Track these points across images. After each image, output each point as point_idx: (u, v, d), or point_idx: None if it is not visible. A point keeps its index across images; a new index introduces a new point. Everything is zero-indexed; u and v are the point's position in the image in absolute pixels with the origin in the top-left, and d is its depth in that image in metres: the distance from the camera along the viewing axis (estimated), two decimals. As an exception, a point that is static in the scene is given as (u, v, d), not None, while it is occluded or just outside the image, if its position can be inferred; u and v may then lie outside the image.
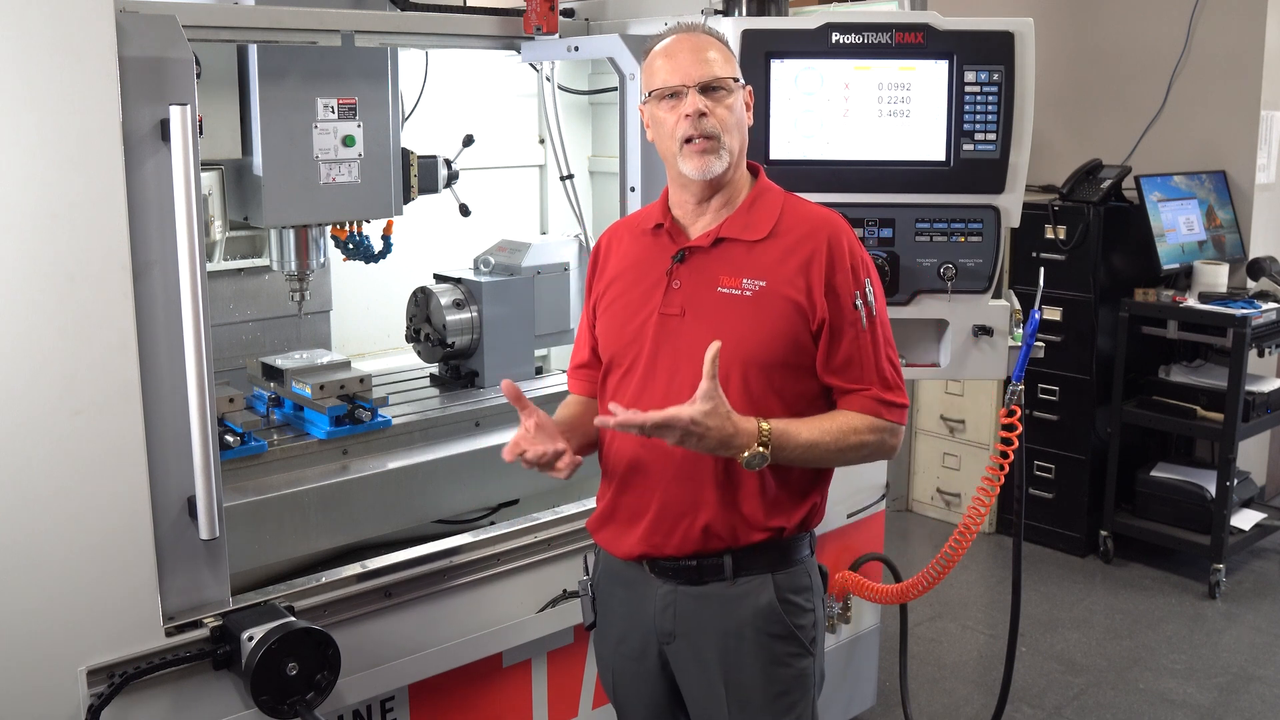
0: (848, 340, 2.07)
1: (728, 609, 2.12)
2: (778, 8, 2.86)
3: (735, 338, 2.03)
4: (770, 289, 2.05)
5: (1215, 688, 3.98)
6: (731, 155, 2.07)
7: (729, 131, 2.06)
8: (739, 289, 2.07)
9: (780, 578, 2.12)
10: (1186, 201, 4.92)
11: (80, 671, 2.03)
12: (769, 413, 2.04)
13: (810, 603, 2.17)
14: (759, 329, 2.05)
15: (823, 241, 2.06)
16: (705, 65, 2.06)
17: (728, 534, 2.09)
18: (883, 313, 2.13)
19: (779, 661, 2.12)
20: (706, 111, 2.04)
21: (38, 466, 1.96)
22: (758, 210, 2.11)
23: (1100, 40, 5.28)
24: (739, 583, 2.11)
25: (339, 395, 2.88)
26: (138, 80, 1.99)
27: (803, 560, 2.16)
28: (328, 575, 2.39)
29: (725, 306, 2.07)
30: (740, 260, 2.09)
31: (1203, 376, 4.83)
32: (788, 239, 2.08)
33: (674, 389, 2.06)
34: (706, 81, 2.05)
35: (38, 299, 1.93)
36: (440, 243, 3.58)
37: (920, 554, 5.05)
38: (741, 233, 2.10)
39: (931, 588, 3.07)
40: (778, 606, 2.11)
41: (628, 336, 2.15)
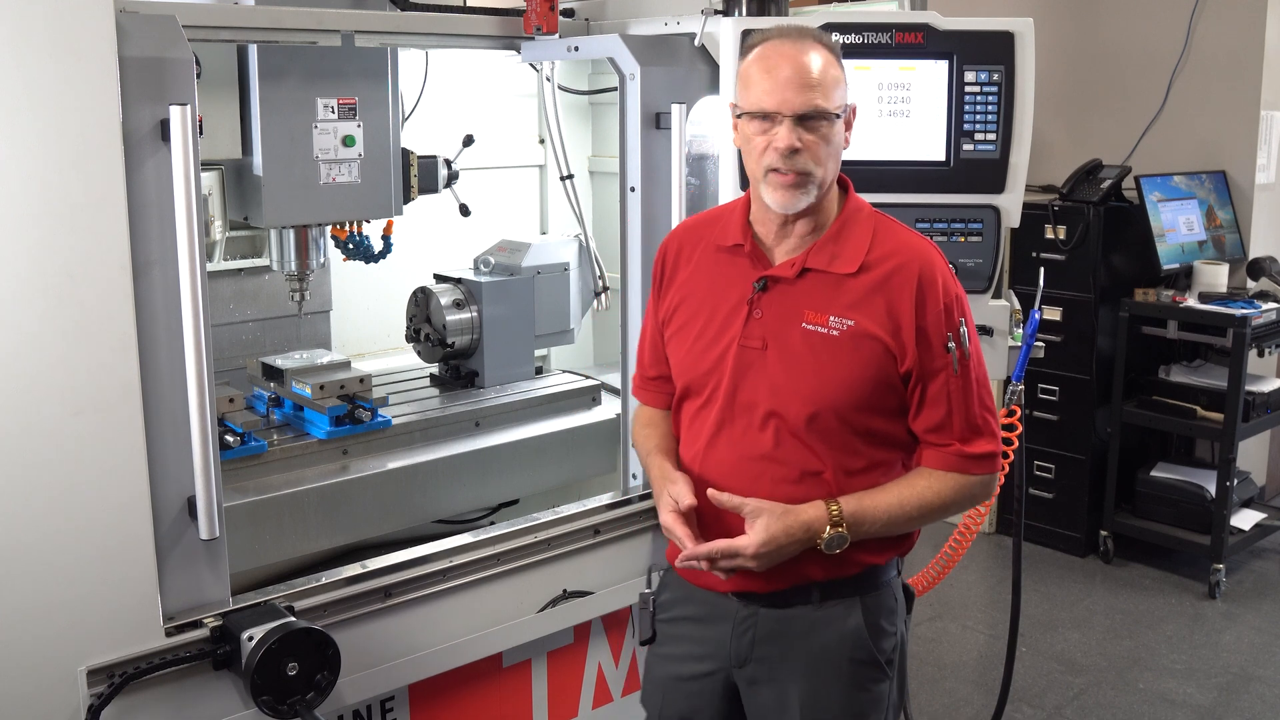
0: (936, 387, 1.95)
1: (812, 632, 2.05)
2: (778, 8, 2.85)
3: (821, 379, 1.95)
4: (859, 328, 1.94)
5: (1215, 688, 3.98)
6: (821, 188, 1.96)
7: (821, 165, 1.93)
8: (825, 327, 1.95)
9: (868, 600, 2.05)
10: (1186, 201, 4.92)
11: (80, 671, 2.03)
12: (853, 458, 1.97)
13: (894, 626, 2.09)
14: (847, 371, 1.94)
15: (913, 277, 1.94)
16: (807, 93, 1.89)
17: (821, 574, 2.02)
18: (977, 354, 2.01)
19: (859, 686, 2.06)
20: (800, 147, 1.90)
21: (38, 467, 1.96)
22: (846, 238, 1.99)
23: (1100, 40, 5.28)
24: (825, 606, 2.04)
25: (339, 395, 2.88)
26: (138, 80, 1.99)
27: (889, 582, 2.10)
28: (328, 575, 2.39)
29: (811, 345, 1.96)
30: (827, 295, 1.97)
31: (1203, 376, 4.84)
32: (877, 273, 1.95)
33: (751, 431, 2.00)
34: (805, 112, 1.90)
35: (38, 299, 1.93)
36: (440, 243, 3.58)
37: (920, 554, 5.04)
38: (829, 264, 1.98)
39: (931, 588, 3.08)
40: (864, 631, 2.04)
41: (706, 365, 2.06)
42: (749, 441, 2.00)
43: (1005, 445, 2.84)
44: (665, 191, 2.74)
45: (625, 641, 2.95)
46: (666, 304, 2.16)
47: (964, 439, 1.97)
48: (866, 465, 2.00)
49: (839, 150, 1.97)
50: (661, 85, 2.69)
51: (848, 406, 1.95)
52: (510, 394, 3.28)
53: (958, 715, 3.82)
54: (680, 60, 2.77)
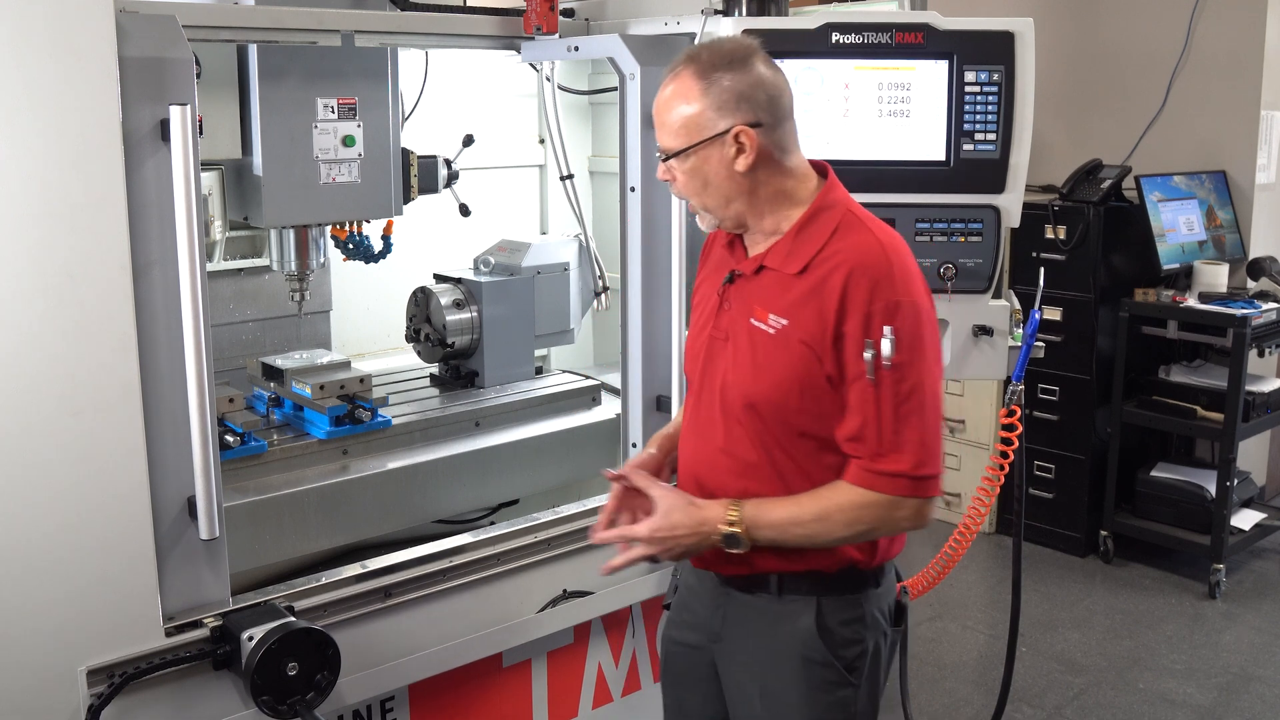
0: (854, 395, 1.90)
1: (771, 624, 2.06)
2: (778, 8, 2.86)
3: (755, 375, 1.97)
4: (790, 328, 1.94)
5: (1215, 688, 3.98)
6: (714, 213, 2.00)
7: (696, 195, 1.99)
8: (766, 324, 1.97)
9: (827, 603, 2.03)
10: (1186, 201, 4.92)
11: (80, 671, 2.03)
12: (774, 462, 1.98)
13: (859, 634, 2.05)
14: (772, 370, 1.95)
15: (840, 279, 1.89)
16: (661, 132, 1.98)
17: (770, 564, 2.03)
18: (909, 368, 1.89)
19: (817, 686, 2.04)
20: (670, 179, 2.01)
21: (38, 467, 1.96)
22: (804, 237, 1.97)
23: (1100, 40, 5.28)
24: (785, 600, 2.04)
25: (339, 395, 2.88)
26: (138, 80, 1.99)
27: (859, 590, 2.05)
28: (328, 575, 2.39)
29: (753, 340, 1.99)
30: (774, 293, 1.98)
31: (1203, 376, 4.84)
32: (817, 274, 1.93)
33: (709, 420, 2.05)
34: (660, 150, 2.00)
35: (38, 299, 1.93)
36: (440, 243, 3.58)
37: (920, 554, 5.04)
38: (782, 263, 1.98)
39: (931, 588, 3.08)
40: (815, 632, 2.02)
41: (693, 352, 2.14)
42: (709, 432, 2.05)
43: (1005, 445, 2.86)
44: (665, 191, 2.73)
45: (625, 641, 2.95)
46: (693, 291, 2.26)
47: (874, 454, 1.91)
48: (810, 467, 1.98)
49: (717, 179, 1.95)
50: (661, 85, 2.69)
51: (780, 405, 1.96)
52: (510, 394, 3.28)
53: (958, 715, 3.82)
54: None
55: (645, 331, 2.80)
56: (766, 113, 1.94)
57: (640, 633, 2.97)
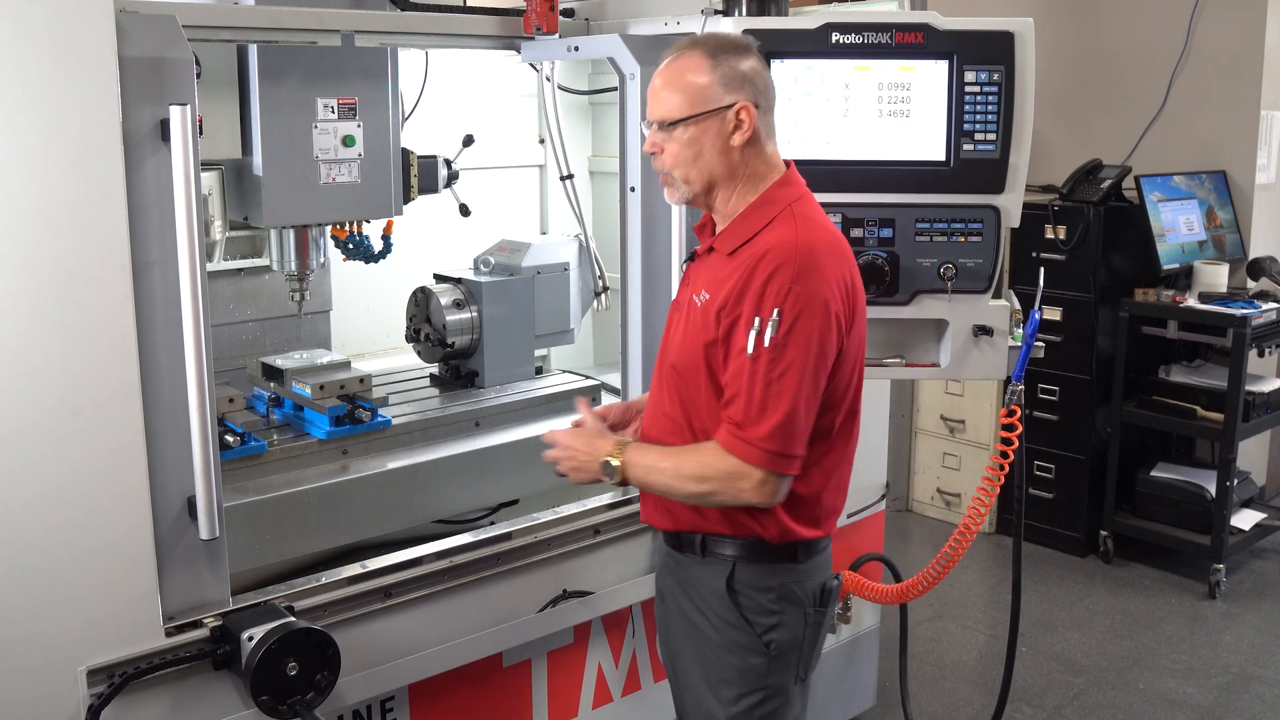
0: (733, 364, 2.04)
1: (695, 582, 2.22)
2: (778, 8, 2.86)
3: (680, 341, 2.17)
4: (710, 302, 2.10)
5: (1215, 688, 3.98)
6: (690, 187, 2.13)
7: (680, 166, 2.11)
8: (699, 297, 2.14)
9: (742, 569, 2.16)
10: (1186, 201, 4.92)
11: (80, 671, 2.03)
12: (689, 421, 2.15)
13: (777, 606, 2.16)
14: (692, 338, 2.13)
15: (755, 261, 2.04)
16: (658, 104, 2.11)
17: (693, 524, 2.19)
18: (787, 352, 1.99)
19: (730, 649, 2.17)
20: (656, 151, 2.13)
21: (38, 467, 1.96)
22: (743, 224, 2.13)
23: (1100, 40, 5.28)
24: (706, 561, 2.19)
25: (339, 395, 2.88)
26: (138, 80, 1.99)
27: (777, 561, 2.16)
28: (328, 575, 2.39)
29: (689, 312, 2.17)
30: (713, 271, 2.14)
31: (1203, 376, 4.83)
32: (742, 257, 2.08)
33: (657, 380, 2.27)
34: (658, 120, 2.11)
35: (38, 299, 1.93)
36: (440, 243, 3.58)
37: (920, 554, 5.05)
38: (724, 245, 2.14)
39: (931, 588, 3.07)
40: (725, 592, 2.16)
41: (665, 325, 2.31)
42: (656, 393, 2.26)
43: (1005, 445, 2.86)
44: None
45: (625, 641, 2.95)
46: None
47: (739, 422, 2.03)
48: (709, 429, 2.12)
49: (710, 150, 2.09)
50: (661, 85, 2.69)
51: (693, 368, 2.12)
52: (510, 394, 3.29)
53: (958, 715, 3.82)
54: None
55: (645, 331, 2.80)
56: (762, 97, 2.11)
57: (640, 633, 2.97)
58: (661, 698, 2.96)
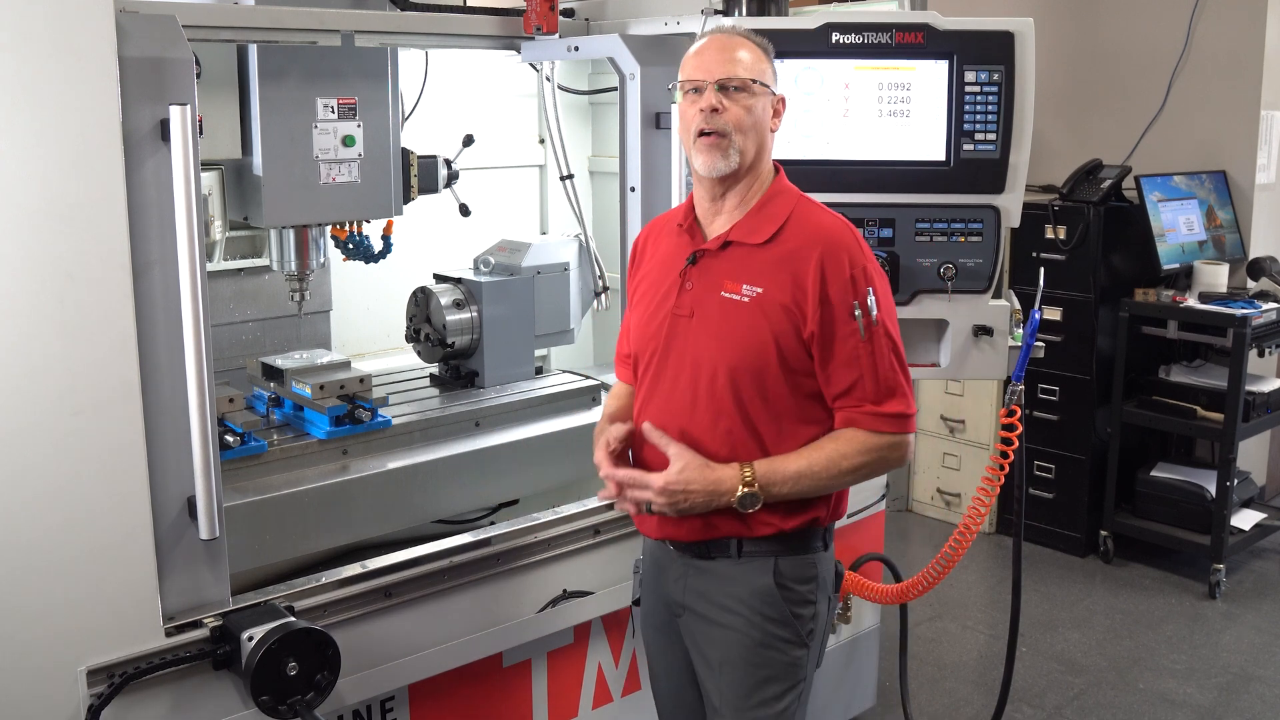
0: (844, 352, 2.06)
1: (729, 584, 2.16)
2: (778, 8, 2.86)
3: (731, 341, 2.09)
4: (765, 294, 2.08)
5: (1215, 688, 3.98)
6: (742, 156, 2.10)
7: (742, 131, 2.09)
8: (739, 294, 2.10)
9: (785, 563, 2.14)
10: (1186, 201, 4.92)
11: (80, 671, 2.03)
12: (754, 420, 2.09)
13: (814, 595, 2.18)
14: (753, 334, 2.08)
15: (818, 250, 2.06)
16: (728, 64, 2.09)
17: (731, 529, 2.13)
18: (888, 323, 2.10)
19: (770, 645, 2.15)
20: (720, 108, 2.07)
21: (38, 467, 1.96)
22: (766, 213, 2.13)
23: (1100, 40, 5.28)
24: (743, 562, 2.15)
25: (339, 395, 2.88)
26: (138, 80, 1.99)
27: (813, 551, 2.18)
28: (328, 575, 2.39)
29: (726, 311, 2.11)
30: (744, 265, 2.11)
31: (1203, 376, 4.83)
32: (788, 245, 2.09)
33: (676, 392, 2.16)
34: (726, 79, 2.08)
35: (38, 299, 1.93)
36: (440, 243, 3.58)
37: (920, 554, 5.05)
38: (748, 236, 2.12)
39: (931, 588, 3.07)
40: (774, 590, 2.14)
41: (648, 334, 2.22)
42: (673, 400, 2.15)
43: (1005, 445, 2.86)
44: (665, 191, 2.74)
45: (625, 641, 2.95)
46: (632, 286, 2.34)
47: (876, 400, 2.07)
48: (780, 425, 2.11)
49: (761, 124, 2.12)
50: (661, 85, 2.69)
51: (754, 367, 2.08)
52: (510, 394, 3.29)
53: (958, 715, 3.82)
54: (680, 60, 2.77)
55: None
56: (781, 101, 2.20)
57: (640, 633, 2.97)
58: (661, 698, 2.96)
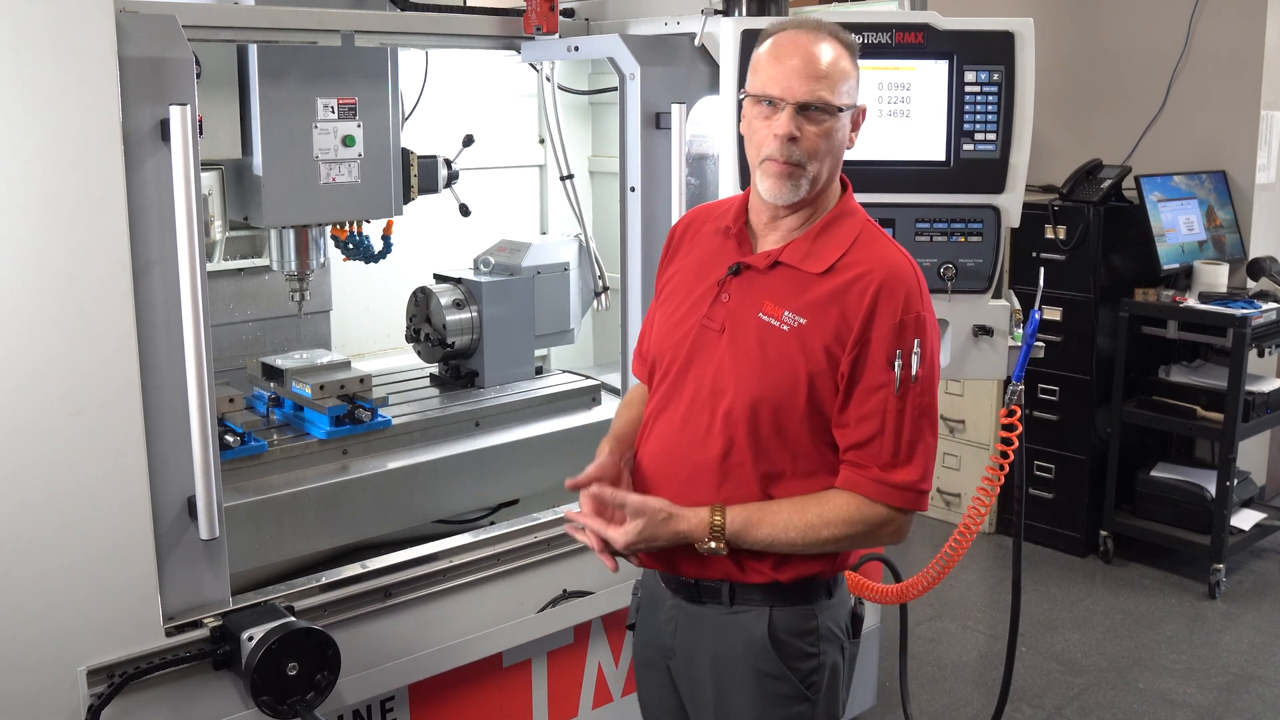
0: (870, 403, 1.87)
1: (721, 634, 2.01)
2: (778, 8, 2.86)
3: (758, 370, 1.92)
4: (809, 328, 1.89)
5: (1215, 688, 3.98)
6: (815, 184, 1.92)
7: (818, 159, 1.90)
8: (779, 320, 1.91)
9: (779, 614, 1.98)
10: (1186, 201, 4.91)
11: (80, 671, 2.03)
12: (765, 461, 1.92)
13: (815, 647, 1.99)
14: (785, 368, 1.90)
15: (873, 285, 1.87)
16: (811, 83, 1.87)
17: (723, 570, 1.98)
18: (927, 383, 1.89)
19: (770, 700, 1.99)
20: (797, 136, 1.88)
21: (38, 466, 1.96)
22: (826, 238, 1.94)
23: (1100, 40, 5.28)
24: (735, 609, 1.99)
25: (339, 395, 2.88)
26: (138, 80, 1.99)
27: (813, 602, 2.00)
28: (328, 575, 2.39)
29: (761, 335, 1.93)
30: (790, 290, 1.93)
31: (1203, 376, 4.83)
32: (842, 278, 1.90)
33: (692, 412, 1.98)
34: (809, 101, 1.88)
35: (38, 299, 1.93)
36: (440, 243, 3.58)
37: (920, 554, 5.04)
38: (802, 261, 1.93)
39: (931, 588, 3.07)
40: (768, 644, 1.97)
41: (672, 341, 2.04)
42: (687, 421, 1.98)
43: (1005, 445, 2.85)
44: (665, 191, 2.74)
45: (625, 641, 2.95)
46: (663, 279, 2.16)
47: (885, 465, 1.87)
48: (792, 469, 1.94)
49: (839, 148, 1.93)
50: (661, 85, 2.69)
51: (779, 403, 1.90)
52: (510, 394, 3.28)
53: (958, 715, 3.82)
54: (680, 60, 2.77)
55: (645, 331, 2.80)
56: None
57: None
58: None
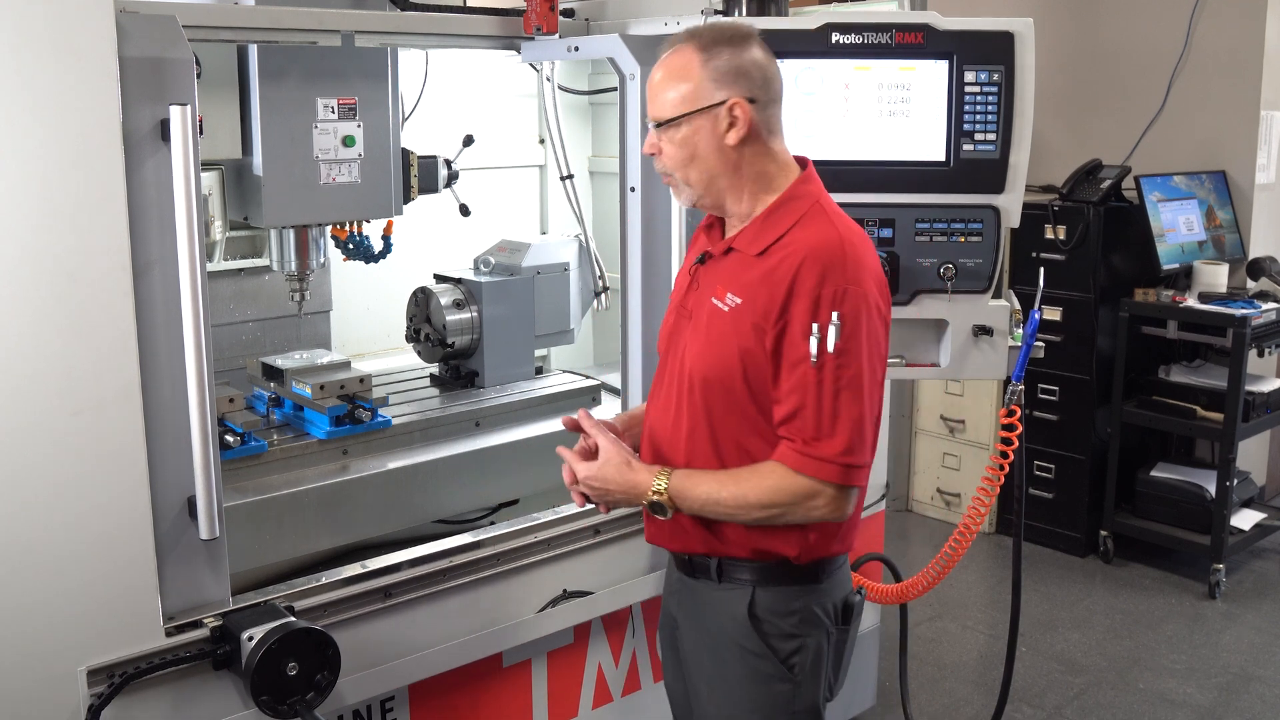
0: (793, 377, 1.93)
1: (711, 609, 2.11)
2: (778, 8, 2.86)
3: (706, 349, 2.03)
4: (743, 308, 1.99)
5: (1215, 688, 3.98)
6: (694, 188, 2.04)
7: (681, 167, 2.02)
8: (723, 302, 2.02)
9: (763, 593, 2.05)
10: (1186, 201, 4.92)
11: (80, 671, 2.03)
12: (719, 435, 2.02)
13: (799, 630, 2.06)
14: (721, 346, 2.00)
15: (794, 262, 1.93)
16: (654, 103, 2.03)
17: (706, 545, 2.07)
18: (850, 359, 1.92)
19: (754, 678, 2.07)
20: (656, 152, 2.05)
21: (38, 466, 1.96)
22: (770, 222, 2.02)
23: (1100, 40, 5.28)
24: (724, 586, 2.08)
25: (339, 395, 2.88)
26: (138, 80, 1.98)
27: (796, 584, 2.06)
28: (328, 575, 2.39)
29: (710, 317, 2.05)
30: (736, 273, 2.03)
31: (1203, 376, 4.83)
32: (775, 257, 1.97)
33: (670, 392, 2.12)
34: (654, 119, 2.03)
35: (38, 299, 1.93)
36: (440, 243, 3.58)
37: (920, 554, 5.05)
38: (747, 245, 2.03)
39: (931, 588, 3.08)
40: (747, 621, 2.05)
41: (664, 330, 2.22)
42: (668, 404, 2.12)
43: (1005, 445, 2.86)
44: (665, 191, 2.72)
45: (625, 641, 2.95)
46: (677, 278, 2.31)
47: (809, 438, 1.93)
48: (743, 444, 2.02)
49: (708, 149, 1.99)
50: (661, 85, 2.68)
51: (723, 381, 2.00)
52: (510, 394, 3.29)
53: (958, 715, 3.82)
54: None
55: (645, 331, 2.80)
56: (761, 90, 2.00)
57: (640, 633, 2.97)
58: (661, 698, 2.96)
